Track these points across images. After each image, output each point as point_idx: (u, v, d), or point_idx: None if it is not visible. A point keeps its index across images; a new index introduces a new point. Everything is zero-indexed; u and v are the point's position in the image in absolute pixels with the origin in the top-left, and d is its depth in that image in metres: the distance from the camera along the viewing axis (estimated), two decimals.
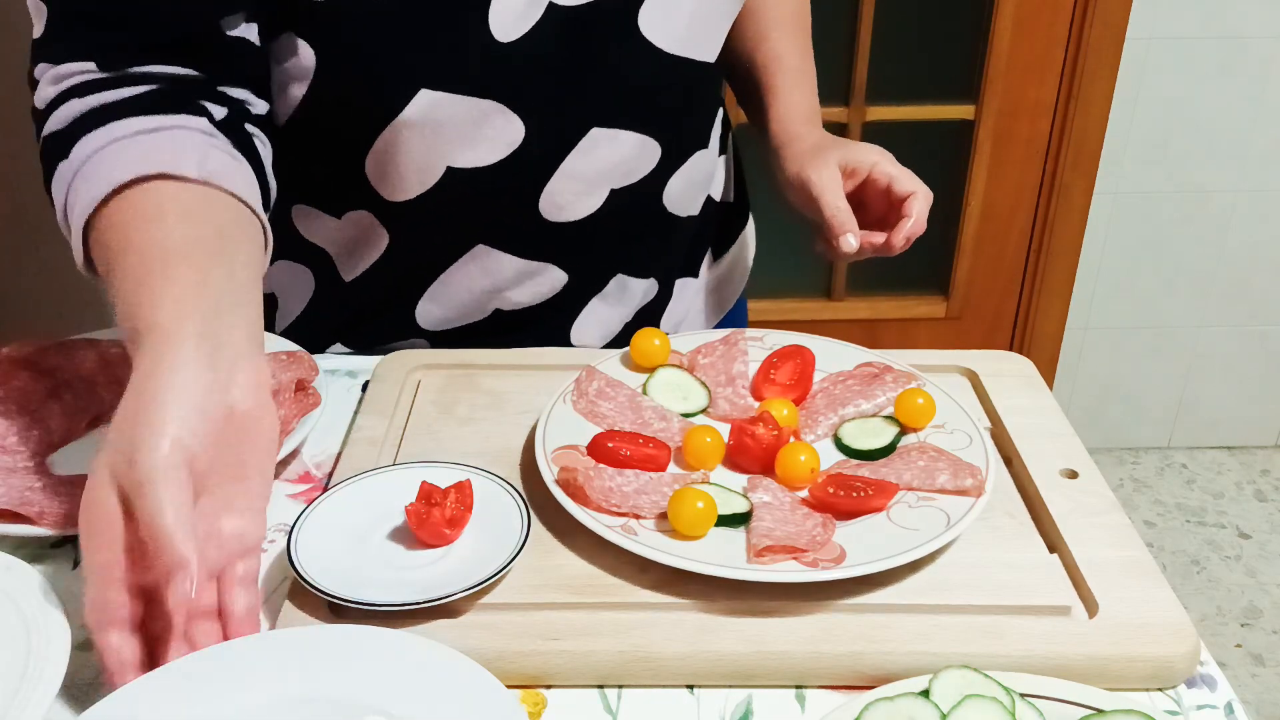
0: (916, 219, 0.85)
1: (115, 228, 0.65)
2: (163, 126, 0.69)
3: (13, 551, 0.69)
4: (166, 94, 0.71)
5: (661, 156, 0.88)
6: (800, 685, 0.61)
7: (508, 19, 0.76)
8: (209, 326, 0.61)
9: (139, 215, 0.65)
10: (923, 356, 0.87)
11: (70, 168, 0.68)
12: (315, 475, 0.78)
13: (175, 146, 0.68)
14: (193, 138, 0.70)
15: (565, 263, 0.90)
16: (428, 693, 0.56)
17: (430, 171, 0.82)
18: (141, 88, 0.71)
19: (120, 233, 0.65)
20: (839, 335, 0.86)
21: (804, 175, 0.87)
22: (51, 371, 0.83)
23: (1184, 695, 0.61)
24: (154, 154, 0.67)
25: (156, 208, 0.65)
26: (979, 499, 0.68)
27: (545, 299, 0.91)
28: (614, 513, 0.67)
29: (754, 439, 0.72)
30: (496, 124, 0.80)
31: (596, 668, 0.61)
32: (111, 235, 0.65)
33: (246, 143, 0.74)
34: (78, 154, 0.68)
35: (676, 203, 0.92)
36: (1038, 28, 2.01)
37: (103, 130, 0.68)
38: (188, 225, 0.65)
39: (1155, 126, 2.12)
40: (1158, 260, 2.25)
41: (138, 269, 0.63)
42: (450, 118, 0.79)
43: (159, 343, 0.60)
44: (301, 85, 0.79)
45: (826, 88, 0.98)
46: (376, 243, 0.88)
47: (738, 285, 1.07)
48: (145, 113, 0.69)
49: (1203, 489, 2.35)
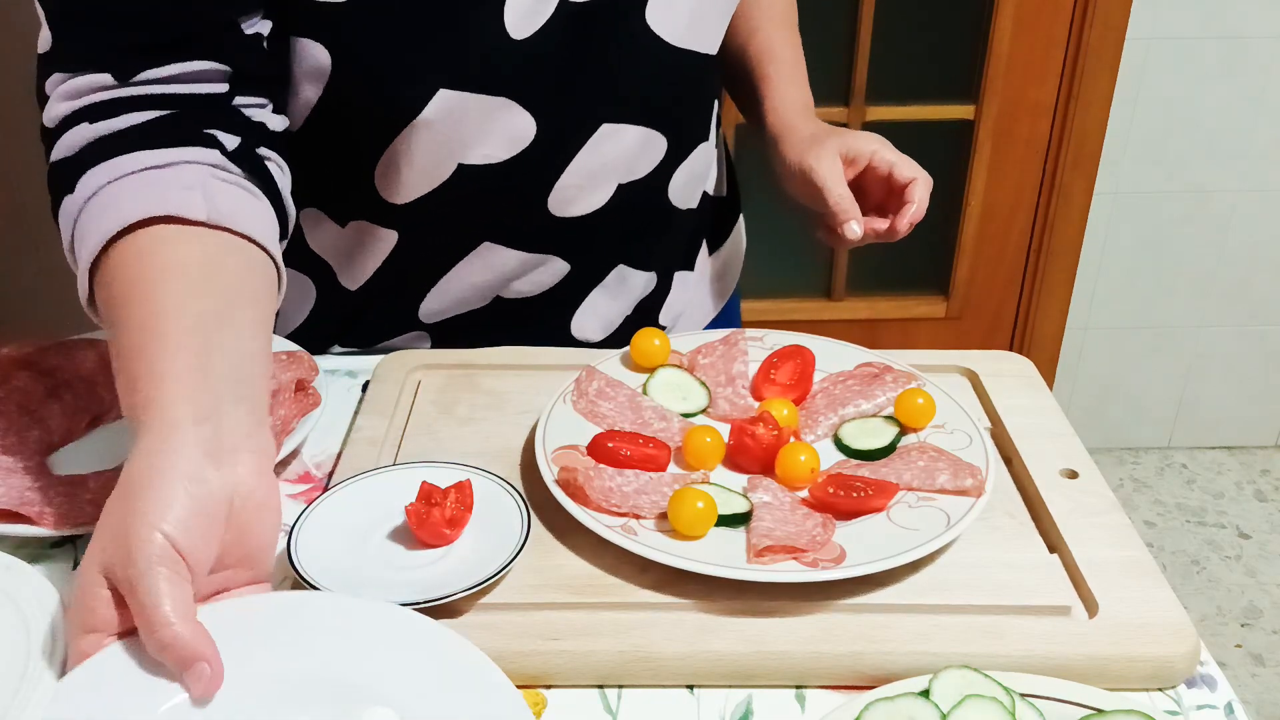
0: (919, 204, 0.86)
1: (119, 278, 0.62)
2: (171, 162, 0.67)
3: (13, 551, 0.69)
4: (177, 121, 0.69)
5: (667, 150, 0.88)
6: (800, 685, 0.61)
7: (520, 15, 0.76)
8: (210, 410, 0.57)
9: (144, 267, 0.62)
10: (923, 356, 0.87)
11: (75, 203, 0.66)
12: (315, 475, 0.78)
13: (183, 183, 0.66)
14: (200, 174, 0.67)
15: (568, 255, 0.90)
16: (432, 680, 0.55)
17: (442, 170, 0.82)
18: (152, 113, 0.69)
19: (123, 285, 0.62)
20: (839, 335, 0.86)
21: (805, 164, 0.88)
22: (51, 371, 0.83)
23: (1184, 695, 0.61)
24: (161, 193, 0.64)
25: (162, 262, 0.62)
26: (979, 499, 0.68)
27: (546, 288, 0.92)
28: (614, 513, 0.67)
29: (754, 439, 0.72)
30: (507, 120, 0.80)
31: (596, 668, 0.61)
32: (115, 286, 0.62)
33: (262, 171, 0.72)
34: (83, 189, 0.66)
35: (679, 195, 0.93)
36: (1038, 28, 2.01)
37: (109, 165, 0.66)
38: (193, 288, 0.62)
39: (1155, 126, 2.12)
40: (1158, 260, 2.25)
41: (138, 335, 0.60)
42: (464, 116, 0.79)
43: (156, 425, 0.57)
44: (316, 88, 0.78)
45: (827, 88, 0.99)
46: (381, 248, 0.88)
47: (732, 279, 1.08)
48: (153, 145, 0.67)
49: (1203, 489, 2.35)
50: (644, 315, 0.97)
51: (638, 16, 0.81)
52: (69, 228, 0.67)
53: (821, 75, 1.00)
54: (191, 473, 0.55)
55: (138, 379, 0.59)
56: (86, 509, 0.70)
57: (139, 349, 0.59)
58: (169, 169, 0.66)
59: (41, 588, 0.63)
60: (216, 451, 0.57)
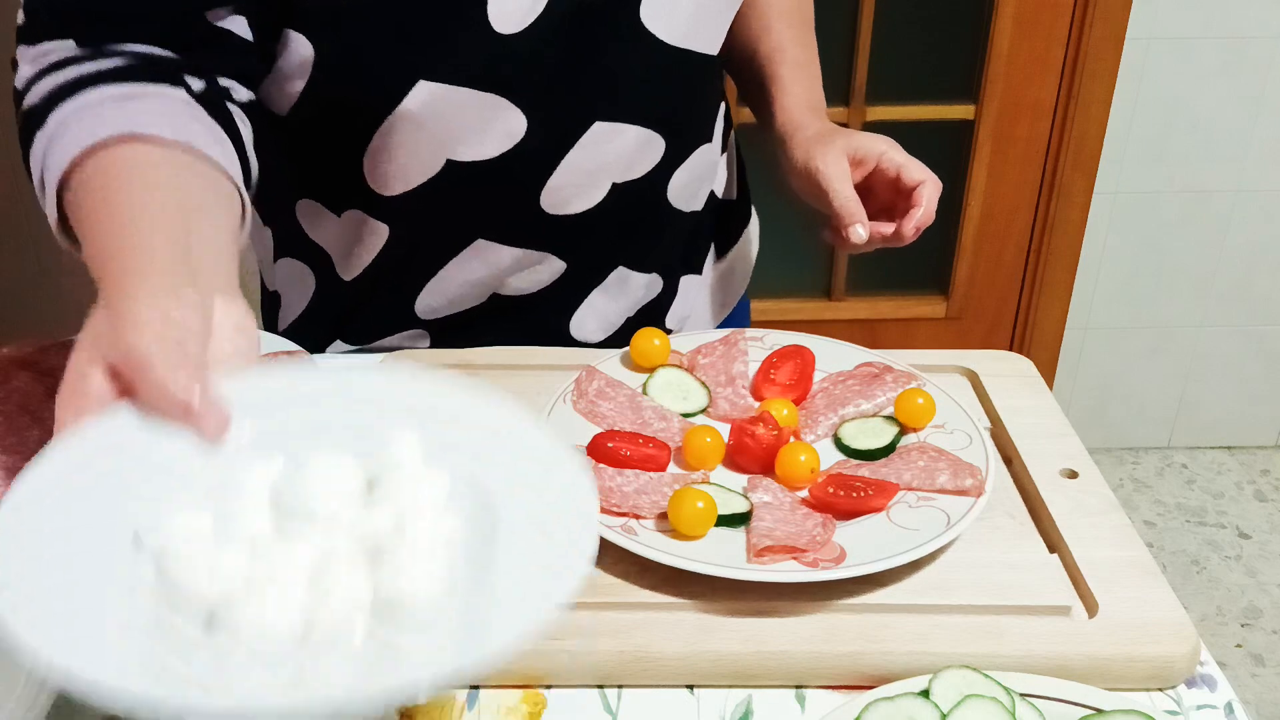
0: (926, 208, 0.85)
1: (87, 189, 0.62)
2: (138, 94, 0.67)
3: None
4: (145, 65, 0.70)
5: (665, 151, 0.88)
6: (800, 685, 0.61)
7: (509, 11, 0.76)
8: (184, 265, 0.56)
9: (111, 177, 0.62)
10: (923, 356, 0.87)
11: (46, 135, 0.66)
12: None
13: (150, 110, 0.66)
14: (169, 104, 0.68)
15: (564, 253, 0.90)
16: (477, 435, 0.52)
17: (430, 164, 0.82)
18: (119, 60, 0.70)
19: (92, 194, 0.62)
20: (839, 335, 0.86)
21: (811, 164, 0.87)
22: (51, 371, 0.83)
23: (1184, 695, 0.61)
24: (129, 116, 0.64)
25: (129, 169, 0.62)
26: (979, 499, 0.68)
27: (544, 286, 0.91)
28: (614, 513, 0.67)
29: (754, 439, 0.72)
30: (498, 117, 0.80)
31: (596, 668, 0.61)
32: (84, 196, 0.62)
33: (225, 118, 0.72)
34: (53, 121, 0.66)
35: (679, 197, 0.92)
36: (1038, 28, 2.01)
37: (78, 97, 0.67)
38: (160, 188, 0.62)
39: (1155, 126, 2.11)
40: (1158, 260, 2.25)
41: (108, 229, 0.58)
42: (451, 110, 0.79)
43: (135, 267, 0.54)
44: (300, 80, 0.78)
45: (827, 88, 0.98)
46: (375, 241, 0.88)
47: (740, 284, 1.08)
48: (122, 81, 0.68)
49: (1203, 489, 2.35)
50: (648, 318, 0.97)
51: (631, 16, 0.81)
52: (39, 160, 0.66)
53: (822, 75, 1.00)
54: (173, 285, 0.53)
55: (110, 260, 0.56)
56: None
57: (111, 236, 0.58)
58: (137, 99, 0.67)
59: None
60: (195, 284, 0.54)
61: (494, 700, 0.61)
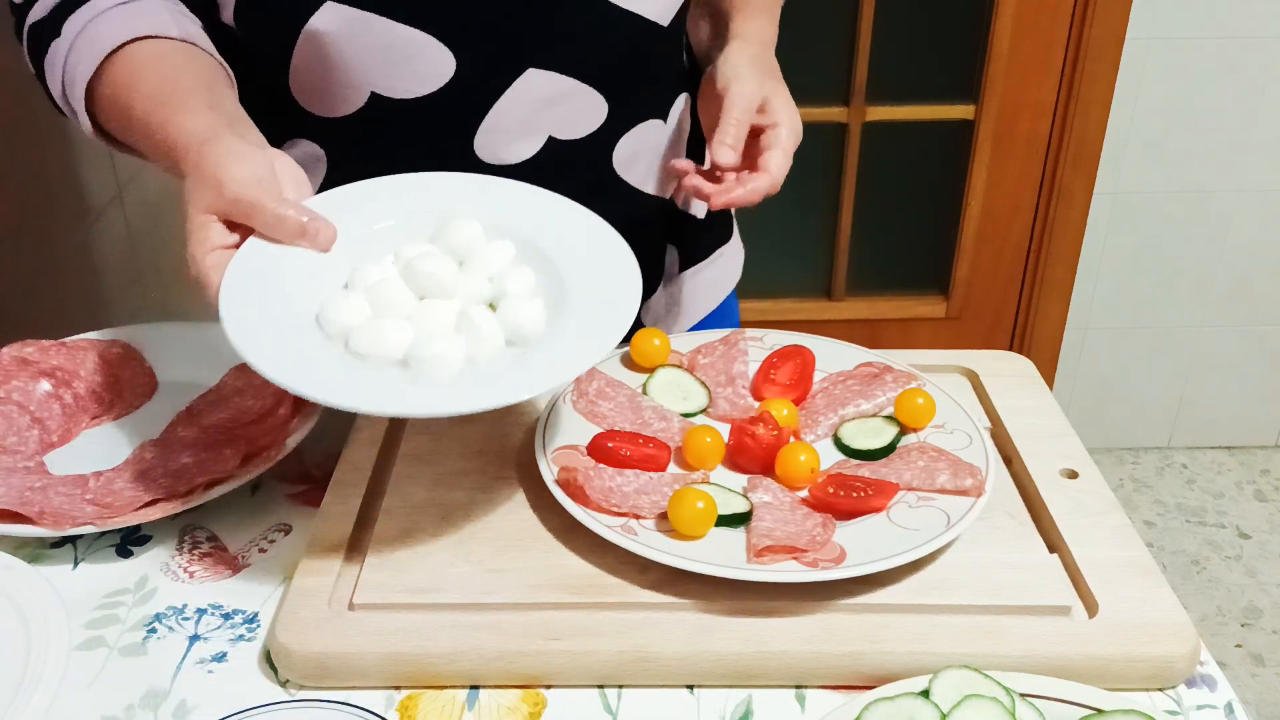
0: (748, 191, 0.82)
1: (121, 80, 0.73)
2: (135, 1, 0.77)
3: (13, 551, 0.69)
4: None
5: (608, 114, 0.88)
6: (800, 685, 0.61)
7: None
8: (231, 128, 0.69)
9: (142, 66, 0.74)
10: (923, 356, 0.87)
11: (64, 44, 0.75)
12: (315, 475, 0.78)
13: (154, 11, 0.76)
14: (166, 7, 0.78)
15: None
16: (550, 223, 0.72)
17: (356, 93, 0.82)
18: None
19: (128, 81, 0.73)
20: (839, 335, 0.86)
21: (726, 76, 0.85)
22: (51, 371, 0.83)
23: (1184, 695, 0.61)
24: (139, 19, 0.75)
25: (156, 58, 0.74)
26: (979, 499, 0.68)
27: None
28: (614, 513, 0.67)
29: (754, 439, 0.72)
30: (424, 55, 0.80)
31: (596, 668, 0.61)
32: (119, 87, 0.73)
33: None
34: (69, 30, 0.75)
35: (627, 168, 0.92)
36: (1038, 28, 2.01)
37: (87, 7, 0.76)
38: (185, 67, 0.74)
39: (1155, 126, 2.12)
40: (1158, 260, 2.25)
41: (155, 99, 0.71)
42: (369, 39, 0.79)
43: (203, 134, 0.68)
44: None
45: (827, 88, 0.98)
46: (316, 170, 0.88)
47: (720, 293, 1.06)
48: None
49: (1203, 489, 2.35)
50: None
51: None
52: (59, 69, 0.76)
53: (821, 75, 0.99)
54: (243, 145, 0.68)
55: (167, 122, 0.70)
56: (86, 509, 0.70)
57: (160, 103, 0.71)
58: (138, 3, 0.77)
59: (41, 588, 0.63)
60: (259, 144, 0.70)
61: (494, 700, 0.61)
